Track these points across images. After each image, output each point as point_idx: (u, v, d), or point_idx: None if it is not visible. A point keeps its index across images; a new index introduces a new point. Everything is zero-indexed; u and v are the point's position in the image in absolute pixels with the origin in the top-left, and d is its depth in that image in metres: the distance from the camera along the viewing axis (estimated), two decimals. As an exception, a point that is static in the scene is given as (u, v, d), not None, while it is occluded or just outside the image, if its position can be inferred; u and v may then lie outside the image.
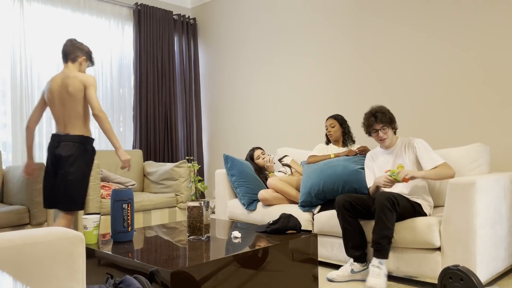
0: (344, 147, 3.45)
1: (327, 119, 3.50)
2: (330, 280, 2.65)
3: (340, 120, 3.46)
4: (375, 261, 2.48)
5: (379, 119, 2.70)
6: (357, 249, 2.65)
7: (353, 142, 3.47)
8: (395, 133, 2.85)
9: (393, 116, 2.76)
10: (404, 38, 3.65)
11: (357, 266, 2.64)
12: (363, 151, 3.19)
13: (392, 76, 3.74)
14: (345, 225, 2.67)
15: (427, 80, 3.53)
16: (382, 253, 2.47)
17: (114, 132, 2.88)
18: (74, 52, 2.85)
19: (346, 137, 3.46)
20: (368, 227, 2.67)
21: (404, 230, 2.53)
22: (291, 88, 4.55)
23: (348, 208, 2.65)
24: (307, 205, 3.16)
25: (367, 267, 2.65)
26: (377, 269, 2.45)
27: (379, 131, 2.73)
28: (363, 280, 2.64)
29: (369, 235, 2.67)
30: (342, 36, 4.08)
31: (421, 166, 2.68)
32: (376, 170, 2.86)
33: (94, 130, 4.79)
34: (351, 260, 2.67)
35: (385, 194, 2.48)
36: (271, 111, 4.74)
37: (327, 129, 3.46)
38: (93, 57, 2.96)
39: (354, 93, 4.00)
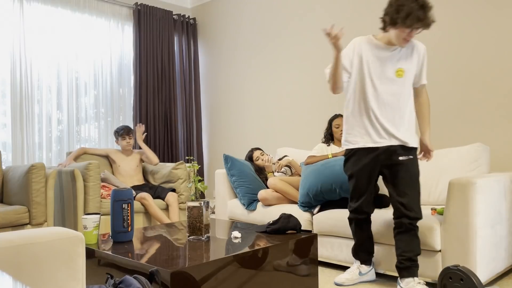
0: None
1: (336, 118, 3.39)
2: (339, 285, 2.54)
3: None
4: (414, 279, 2.30)
5: (426, 22, 2.15)
6: (367, 253, 2.59)
7: None
8: None
9: None
10: (404, 38, 3.65)
11: (364, 268, 2.59)
12: None
13: (392, 76, 3.73)
14: (357, 228, 2.56)
15: (426, 79, 3.53)
16: (413, 271, 2.32)
17: None
18: None
19: None
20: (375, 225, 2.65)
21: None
22: (291, 87, 4.55)
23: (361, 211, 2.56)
24: (306, 206, 3.15)
25: (372, 268, 2.63)
26: (419, 285, 2.28)
27: (413, 30, 2.20)
28: (371, 281, 2.62)
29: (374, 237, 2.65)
30: (342, 36, 4.08)
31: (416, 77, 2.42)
32: (371, 61, 2.38)
33: (94, 130, 4.78)
34: (358, 262, 2.61)
35: (408, 211, 2.31)
36: (271, 111, 4.74)
37: (338, 127, 3.36)
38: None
39: (354, 93, 4.00)
